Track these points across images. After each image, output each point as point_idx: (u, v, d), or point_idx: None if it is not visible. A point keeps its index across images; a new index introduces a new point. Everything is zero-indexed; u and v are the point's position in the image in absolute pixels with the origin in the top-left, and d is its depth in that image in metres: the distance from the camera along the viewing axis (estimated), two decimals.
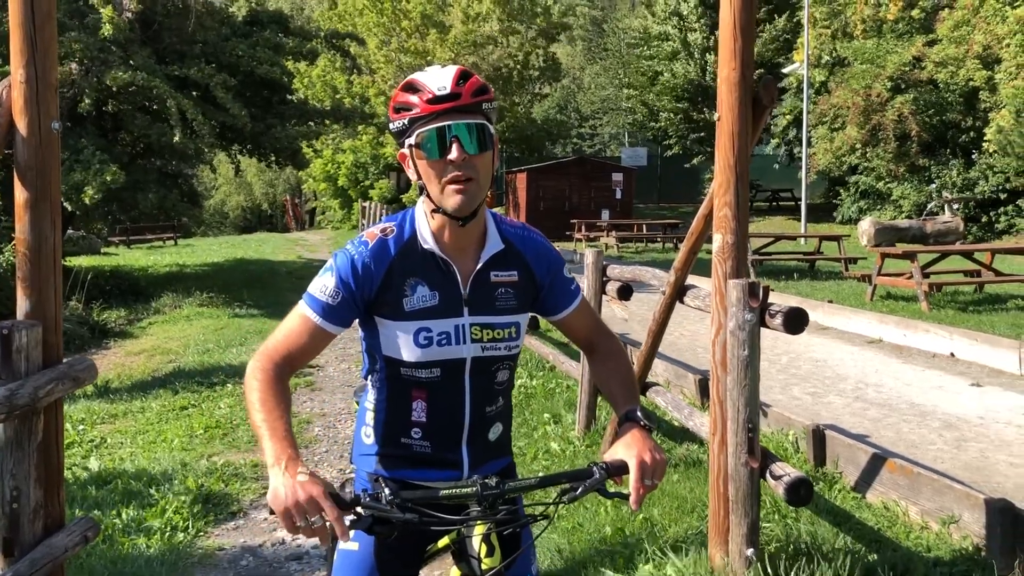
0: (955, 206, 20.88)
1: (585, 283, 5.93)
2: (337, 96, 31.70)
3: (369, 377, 2.04)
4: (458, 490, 1.75)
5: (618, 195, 29.19)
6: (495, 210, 2.06)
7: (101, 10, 12.83)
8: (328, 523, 1.55)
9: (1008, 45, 20.47)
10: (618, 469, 1.80)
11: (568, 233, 24.88)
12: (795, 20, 30.33)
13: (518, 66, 30.73)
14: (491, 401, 2.00)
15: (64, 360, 3.06)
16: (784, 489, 3.45)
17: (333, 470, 5.80)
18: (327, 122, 17.84)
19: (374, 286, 1.89)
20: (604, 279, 5.89)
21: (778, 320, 3.52)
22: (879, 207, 24.20)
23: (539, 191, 28.84)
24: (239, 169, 20.18)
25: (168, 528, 4.63)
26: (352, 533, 1.62)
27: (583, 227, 23.98)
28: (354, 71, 25.33)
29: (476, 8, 27.78)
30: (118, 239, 29.87)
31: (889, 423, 6.39)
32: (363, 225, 31.73)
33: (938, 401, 7.00)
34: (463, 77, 1.83)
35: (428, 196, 1.88)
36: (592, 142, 55.42)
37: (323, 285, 1.89)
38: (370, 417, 2.03)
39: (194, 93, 13.92)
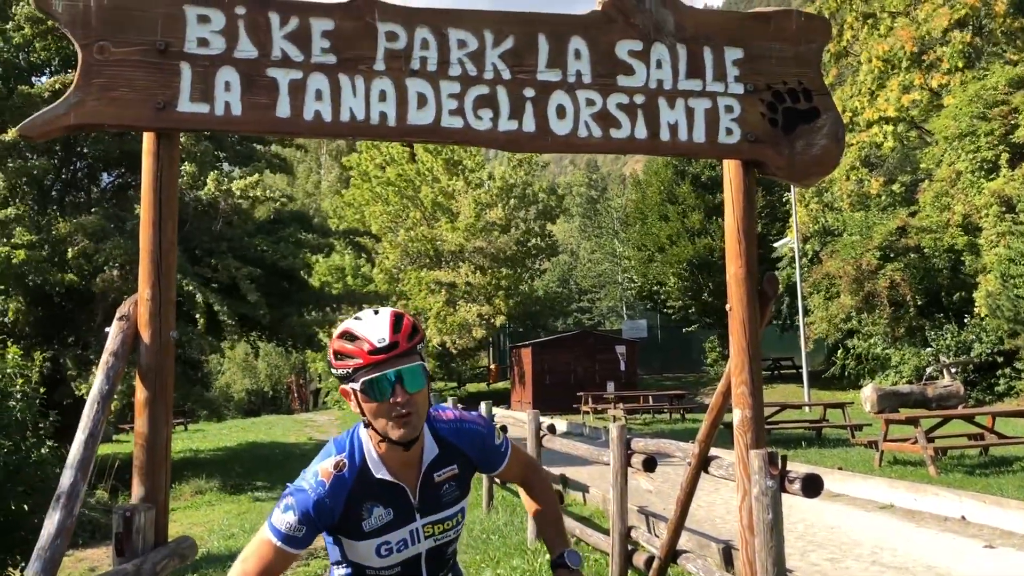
0: (953, 370, 21.34)
1: (611, 456, 6.30)
2: (344, 276, 32.93)
3: (336, 567, 2.36)
4: None
5: (622, 367, 29.76)
6: (498, 384, 2.53)
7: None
8: None
9: (987, 215, 21.61)
10: None
11: (575, 406, 25.20)
12: (779, 195, 31.90)
13: (520, 246, 32.08)
14: (443, 567, 2.40)
15: (170, 539, 3.46)
16: None
17: None
18: (342, 307, 18.67)
19: (335, 517, 2.18)
20: (629, 452, 6.25)
21: (796, 485, 3.93)
22: (880, 372, 24.69)
23: (544, 365, 29.43)
24: (258, 353, 20.79)
25: None
26: None
27: (590, 399, 24.33)
28: (368, 262, 26.51)
29: (484, 198, 29.38)
30: (128, 426, 30.13)
31: None
32: None
33: (953, 563, 7.23)
34: (397, 323, 2.12)
35: (374, 429, 2.16)
36: (591, 315, 56.62)
37: (286, 521, 2.14)
38: None
39: (214, 285, 14.68)
